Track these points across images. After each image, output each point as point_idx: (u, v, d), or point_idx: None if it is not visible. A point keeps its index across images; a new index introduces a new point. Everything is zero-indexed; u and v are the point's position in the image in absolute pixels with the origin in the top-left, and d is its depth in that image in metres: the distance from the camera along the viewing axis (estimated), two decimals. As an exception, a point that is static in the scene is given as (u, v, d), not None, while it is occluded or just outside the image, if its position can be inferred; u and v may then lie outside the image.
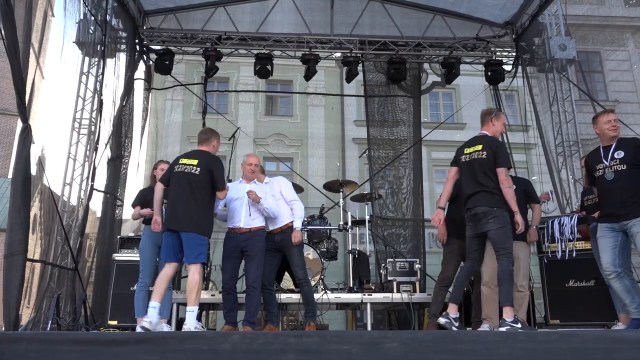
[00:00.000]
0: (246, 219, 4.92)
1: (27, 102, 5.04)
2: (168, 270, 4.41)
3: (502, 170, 4.28)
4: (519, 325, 3.98)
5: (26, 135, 4.88)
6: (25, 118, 4.95)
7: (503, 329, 3.95)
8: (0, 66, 28.58)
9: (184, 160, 4.56)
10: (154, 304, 4.24)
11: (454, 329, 4.24)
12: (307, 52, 8.58)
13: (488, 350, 1.84)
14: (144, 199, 5.17)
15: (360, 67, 8.81)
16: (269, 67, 8.52)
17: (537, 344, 1.83)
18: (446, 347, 1.83)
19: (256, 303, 4.82)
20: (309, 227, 6.30)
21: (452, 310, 4.34)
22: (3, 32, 4.72)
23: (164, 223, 4.54)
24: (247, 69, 15.89)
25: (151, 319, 4.18)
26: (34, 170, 5.06)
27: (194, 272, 4.29)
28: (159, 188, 4.62)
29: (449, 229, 5.09)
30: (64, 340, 1.80)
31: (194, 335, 1.90)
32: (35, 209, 10.06)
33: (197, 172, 4.43)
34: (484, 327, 4.36)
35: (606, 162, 4.24)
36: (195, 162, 4.49)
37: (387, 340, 1.81)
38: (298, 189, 6.28)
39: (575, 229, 5.26)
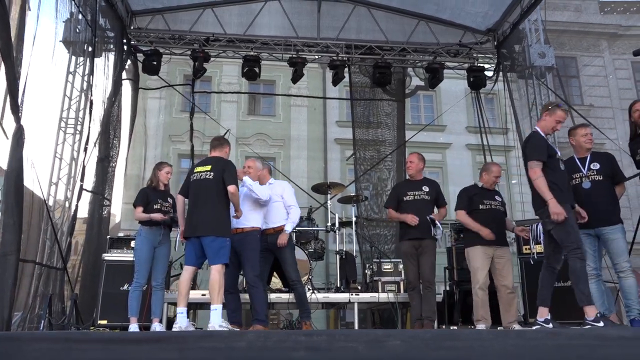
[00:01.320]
0: (237, 220, 5.01)
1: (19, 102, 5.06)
2: (186, 274, 4.55)
3: (529, 165, 4.14)
4: (601, 324, 3.89)
5: (19, 136, 4.91)
6: (18, 118, 4.97)
7: (586, 327, 3.92)
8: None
9: (199, 169, 4.71)
10: (181, 310, 4.36)
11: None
12: (294, 55, 8.69)
13: (483, 347, 1.99)
14: (145, 199, 5.22)
15: (346, 70, 8.97)
16: (256, 69, 8.62)
17: (526, 340, 1.99)
18: (444, 344, 1.98)
19: (260, 300, 4.91)
20: (297, 228, 6.42)
21: (542, 314, 4.25)
22: (-4, 33, 4.73)
23: (184, 231, 4.67)
24: (229, 69, 15.97)
25: (180, 324, 4.30)
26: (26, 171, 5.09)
27: (214, 273, 4.39)
28: (180, 200, 4.79)
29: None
30: (86, 340, 1.90)
31: (210, 334, 2.01)
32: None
33: (210, 177, 4.58)
34: (480, 326, 4.56)
35: (584, 172, 4.49)
36: (208, 167, 4.64)
37: (391, 338, 1.95)
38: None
39: (540, 232, 5.44)
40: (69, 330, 5.32)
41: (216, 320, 4.27)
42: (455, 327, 5.84)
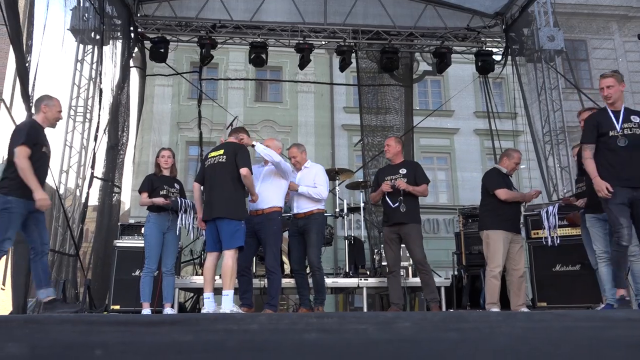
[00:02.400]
0: (259, 201, 4.86)
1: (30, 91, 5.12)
2: (210, 260, 4.56)
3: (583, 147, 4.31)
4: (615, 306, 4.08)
5: (30, 125, 4.96)
6: (29, 107, 5.02)
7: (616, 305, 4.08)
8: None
9: (212, 154, 4.73)
10: (207, 295, 4.37)
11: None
12: (301, 41, 8.67)
13: (491, 329, 2.03)
14: (151, 185, 5.25)
15: (353, 56, 8.93)
16: (263, 56, 8.61)
17: (534, 322, 2.02)
18: (453, 326, 2.01)
19: (277, 286, 4.89)
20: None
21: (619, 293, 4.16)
22: (7, 22, 4.77)
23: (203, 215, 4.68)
24: (236, 55, 15.94)
25: (208, 308, 4.31)
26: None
27: (227, 258, 4.39)
28: (196, 188, 4.82)
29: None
30: (106, 322, 1.95)
31: (224, 317, 2.06)
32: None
33: (223, 160, 4.59)
34: (494, 310, 4.62)
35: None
36: (221, 151, 4.65)
37: (400, 320, 2.00)
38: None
39: (557, 217, 5.43)
40: (82, 315, 5.41)
41: (227, 305, 4.27)
42: (463, 311, 5.88)
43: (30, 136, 4.04)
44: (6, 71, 25.32)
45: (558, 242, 5.30)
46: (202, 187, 4.81)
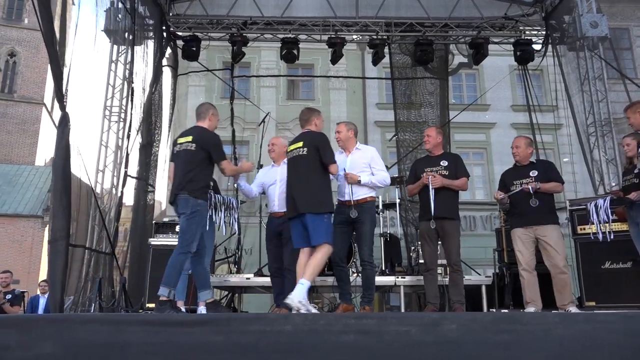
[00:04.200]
0: (279, 203, 4.91)
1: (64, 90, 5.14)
2: (302, 256, 4.30)
3: None
4: None
5: (65, 124, 4.98)
6: (63, 106, 5.04)
7: None
8: (25, 56, 29.04)
9: (291, 147, 4.52)
10: (303, 281, 4.08)
11: None
12: (333, 36, 8.53)
13: (546, 332, 1.85)
14: None
15: (386, 50, 8.74)
16: (295, 52, 8.52)
17: (595, 324, 1.83)
18: (505, 328, 1.85)
19: (293, 286, 4.79)
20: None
21: None
22: (40, 21, 4.80)
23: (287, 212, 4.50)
24: (268, 54, 15.94)
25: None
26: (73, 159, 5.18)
27: (318, 251, 4.15)
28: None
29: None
30: (135, 322, 1.87)
31: (257, 317, 1.95)
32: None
33: (304, 153, 4.36)
34: (530, 309, 4.36)
35: None
36: (300, 144, 4.41)
37: (446, 321, 1.84)
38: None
39: (609, 211, 5.16)
40: (109, 314, 5.42)
41: (299, 294, 3.99)
42: (506, 311, 5.63)
43: None
44: (47, 76, 26.14)
45: (611, 237, 4.99)
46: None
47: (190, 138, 4.50)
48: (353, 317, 1.88)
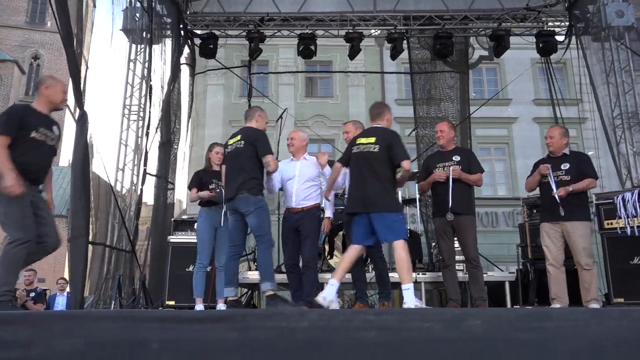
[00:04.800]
0: (297, 199, 4.85)
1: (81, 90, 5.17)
2: (352, 251, 4.24)
3: None
4: None
5: (83, 123, 5.01)
6: (81, 105, 5.08)
7: None
8: (48, 59, 29.55)
9: (361, 140, 4.37)
10: (333, 282, 4.04)
11: None
12: (350, 31, 8.44)
13: (576, 328, 1.76)
14: (199, 180, 5.22)
15: (404, 44, 8.62)
16: (312, 48, 8.46)
17: (632, 321, 1.73)
18: (532, 325, 1.76)
19: (312, 282, 4.71)
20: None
21: None
22: (58, 21, 4.83)
23: (346, 207, 4.51)
24: (286, 51, 15.90)
25: (325, 294, 3.97)
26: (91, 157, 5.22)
27: (399, 251, 4.04)
28: (337, 167, 4.55)
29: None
30: (149, 318, 1.83)
31: (272, 313, 1.89)
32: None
33: (375, 150, 4.23)
34: (555, 306, 4.23)
35: None
36: (373, 139, 4.28)
37: (470, 317, 1.76)
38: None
39: (638, 204, 4.99)
40: (124, 310, 5.44)
41: (410, 299, 3.91)
42: (531, 308, 5.49)
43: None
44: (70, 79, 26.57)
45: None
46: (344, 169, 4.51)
47: (238, 137, 4.64)
48: (373, 314, 1.81)
